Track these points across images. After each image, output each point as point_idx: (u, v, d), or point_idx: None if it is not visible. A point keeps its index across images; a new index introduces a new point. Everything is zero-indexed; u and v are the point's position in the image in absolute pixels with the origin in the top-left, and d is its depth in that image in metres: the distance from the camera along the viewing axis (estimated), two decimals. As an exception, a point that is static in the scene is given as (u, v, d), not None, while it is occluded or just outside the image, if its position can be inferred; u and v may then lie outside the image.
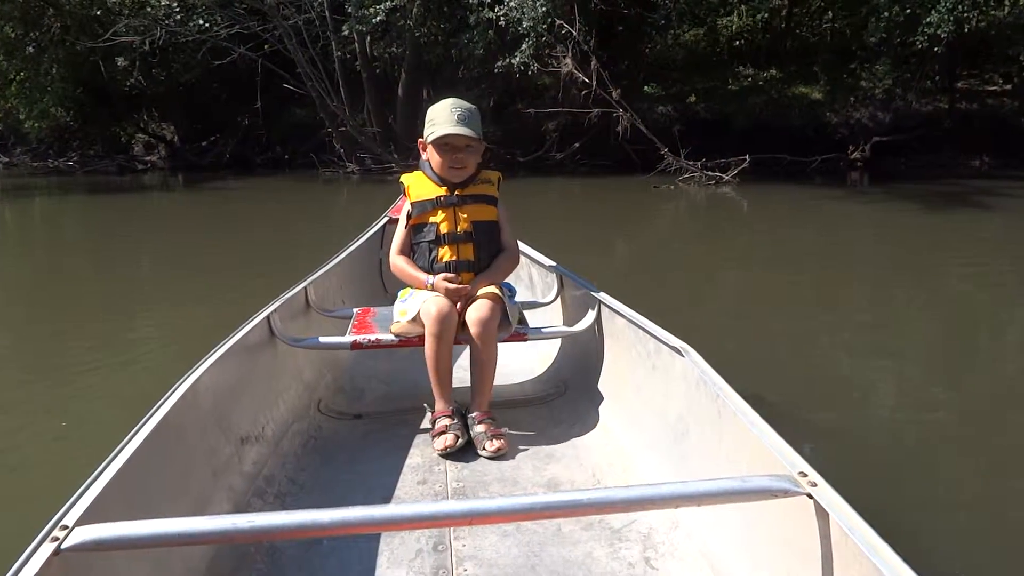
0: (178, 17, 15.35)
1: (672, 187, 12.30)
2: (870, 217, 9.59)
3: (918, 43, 12.49)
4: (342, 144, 16.28)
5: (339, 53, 15.24)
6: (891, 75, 14.81)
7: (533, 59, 13.46)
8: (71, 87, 17.78)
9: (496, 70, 14.54)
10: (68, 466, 2.77)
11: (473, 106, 2.60)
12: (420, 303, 2.50)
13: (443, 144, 2.54)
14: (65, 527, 1.24)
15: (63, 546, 1.20)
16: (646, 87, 14.22)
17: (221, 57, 15.50)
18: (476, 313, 2.47)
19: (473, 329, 2.46)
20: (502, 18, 13.27)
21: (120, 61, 16.85)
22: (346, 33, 14.93)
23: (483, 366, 2.50)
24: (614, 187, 13.32)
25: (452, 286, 2.51)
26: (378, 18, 14.06)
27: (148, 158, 20.17)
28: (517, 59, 13.53)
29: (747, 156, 12.76)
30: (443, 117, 2.52)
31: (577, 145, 15.93)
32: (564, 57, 13.24)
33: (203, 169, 17.85)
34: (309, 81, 15.19)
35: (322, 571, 1.79)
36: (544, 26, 13.07)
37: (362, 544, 1.87)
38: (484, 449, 2.36)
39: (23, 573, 1.14)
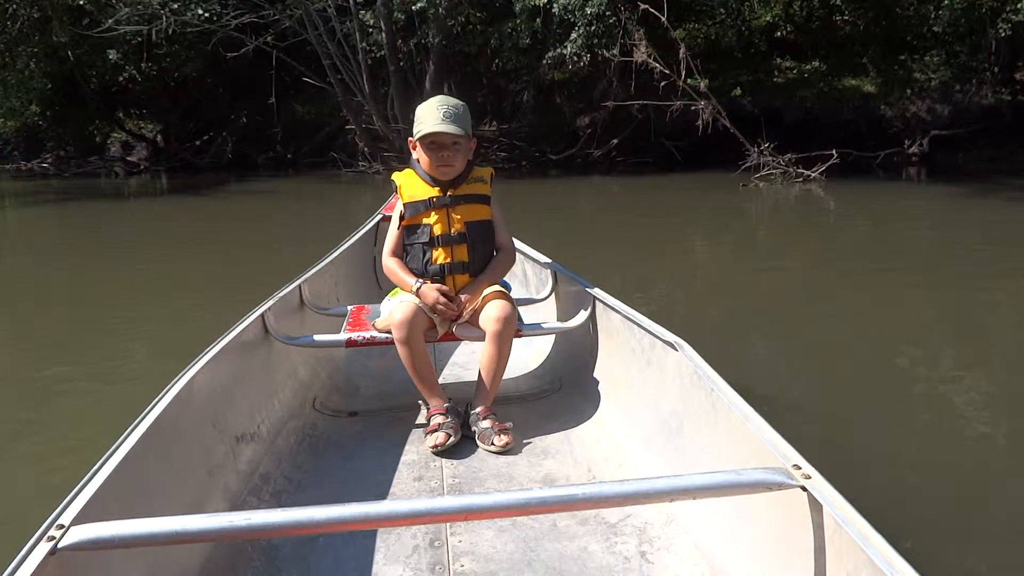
0: (175, 6, 14.25)
1: (758, 185, 11.50)
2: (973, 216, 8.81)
3: (1001, 31, 11.84)
4: (365, 142, 15.28)
5: (363, 44, 14.12)
6: (949, 66, 14.15)
7: (585, 48, 12.72)
8: (46, 82, 16.56)
9: (545, 61, 13.70)
10: (64, 465, 2.76)
11: (461, 103, 2.59)
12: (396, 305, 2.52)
13: (430, 142, 2.53)
14: (61, 526, 1.24)
15: (59, 545, 1.20)
16: (688, 79, 13.32)
17: (235, 49, 14.40)
18: (494, 312, 2.48)
19: (492, 327, 2.48)
20: (554, 5, 12.41)
21: (112, 54, 15.48)
22: (372, 23, 14.05)
23: (496, 364, 2.51)
24: (679, 186, 12.21)
25: (442, 300, 2.51)
26: (419, 4, 13.19)
27: (131, 158, 18.78)
28: (569, 49, 12.72)
29: (834, 152, 12.00)
30: (429, 115, 2.51)
31: (615, 141, 15.12)
32: (638, 44, 12.36)
33: (201, 170, 16.80)
34: (338, 75, 14.23)
35: (319, 568, 1.79)
36: (609, 12, 12.33)
37: (359, 541, 1.87)
38: (492, 444, 2.37)
39: (19, 572, 1.14)
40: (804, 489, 1.35)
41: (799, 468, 1.39)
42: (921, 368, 3.81)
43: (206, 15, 14.13)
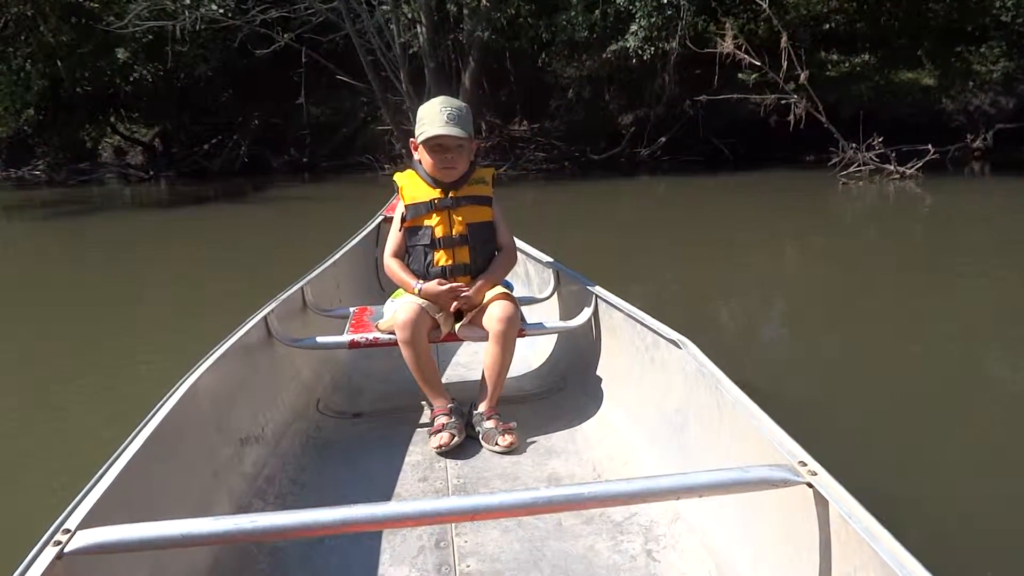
0: (187, 1, 13.42)
1: (858, 183, 10.84)
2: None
3: None
4: (403, 142, 14.43)
5: (401, 39, 13.47)
6: (1011, 56, 13.63)
7: (648, 41, 12.24)
8: (44, 83, 15.46)
9: (606, 55, 13.11)
10: (69, 470, 2.76)
11: (464, 104, 2.59)
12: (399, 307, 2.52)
13: (434, 145, 2.52)
14: (68, 531, 1.24)
15: (66, 550, 1.20)
16: (740, 74, 12.58)
17: (252, 48, 13.79)
18: (497, 312, 2.48)
19: (495, 327, 2.47)
20: None
21: (120, 53, 14.63)
22: (410, 16, 13.56)
23: (499, 364, 2.50)
24: (753, 186, 11.37)
25: (444, 287, 2.51)
26: None
27: (134, 164, 17.89)
28: (631, 42, 12.13)
29: (930, 146, 11.44)
30: (433, 117, 2.50)
31: (663, 140, 14.62)
32: (726, 33, 11.54)
33: (213, 175, 16.01)
34: (381, 72, 13.60)
35: (325, 570, 1.79)
36: (692, 5, 11.71)
37: (364, 542, 1.87)
38: (497, 444, 2.38)
39: None
40: (810, 486, 1.34)
41: (805, 465, 1.39)
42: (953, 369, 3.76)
43: (220, 11, 13.51)
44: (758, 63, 11.40)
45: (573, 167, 14.98)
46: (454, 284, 2.54)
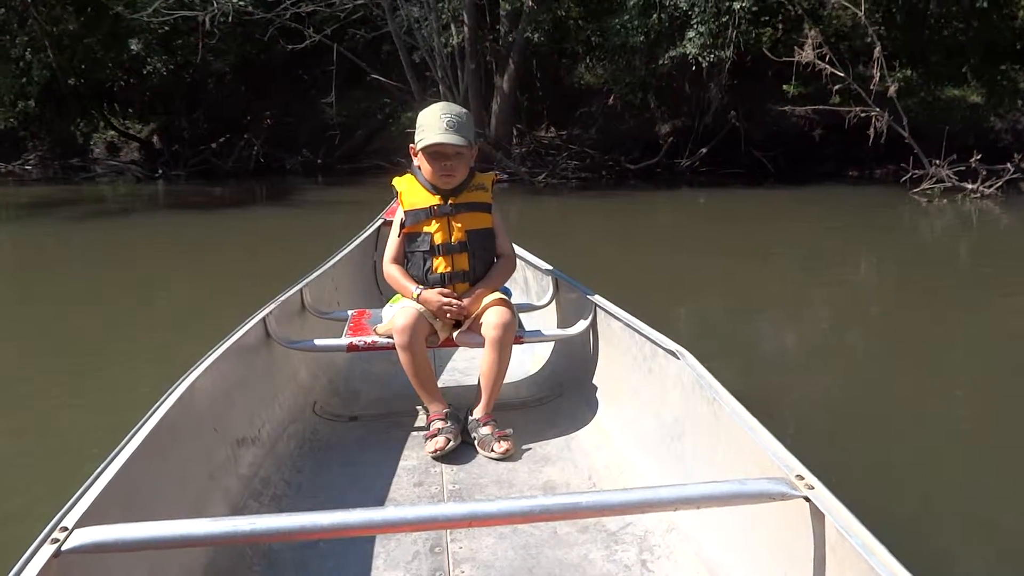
0: None
1: (944, 200, 10.45)
2: None
3: None
4: None
5: (442, 38, 13.08)
6: None
7: (707, 49, 11.82)
8: (47, 74, 14.88)
9: (662, 62, 12.61)
10: (67, 468, 2.75)
11: (464, 111, 2.58)
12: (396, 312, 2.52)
13: (432, 152, 2.52)
14: (65, 529, 1.25)
15: (63, 548, 1.20)
16: (785, 86, 12.05)
17: (269, 44, 13.44)
18: (494, 318, 2.49)
19: (491, 334, 2.48)
20: None
21: (134, 45, 13.93)
22: (450, 14, 13.20)
23: (495, 370, 2.50)
24: (808, 201, 10.98)
25: (445, 300, 2.51)
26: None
27: (135, 162, 17.16)
28: (689, 49, 11.68)
29: (1009, 165, 11.01)
30: (433, 124, 2.49)
31: (704, 151, 14.04)
32: (807, 40, 11.01)
33: (224, 176, 15.45)
34: (426, 71, 13.20)
35: (319, 573, 1.79)
36: (753, 6, 11.34)
37: (359, 546, 1.87)
38: (492, 451, 2.38)
39: (23, 574, 1.14)
40: (807, 499, 1.34)
41: (802, 479, 1.39)
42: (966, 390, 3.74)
43: (242, 2, 13.07)
44: (841, 74, 11.05)
45: (611, 177, 14.52)
46: (452, 300, 2.53)
